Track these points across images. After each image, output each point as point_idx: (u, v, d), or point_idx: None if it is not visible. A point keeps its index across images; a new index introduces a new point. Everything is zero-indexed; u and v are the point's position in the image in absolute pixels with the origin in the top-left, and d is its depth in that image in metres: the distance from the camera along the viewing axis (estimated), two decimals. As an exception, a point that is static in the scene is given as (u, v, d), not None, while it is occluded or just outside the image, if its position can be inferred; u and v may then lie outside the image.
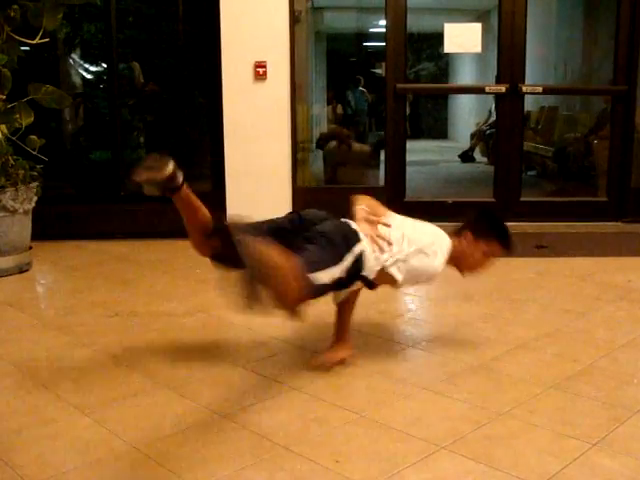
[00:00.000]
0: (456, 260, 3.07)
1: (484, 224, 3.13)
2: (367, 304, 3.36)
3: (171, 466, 2.19)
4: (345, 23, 14.16)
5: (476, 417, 2.52)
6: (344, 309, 3.14)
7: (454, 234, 3.10)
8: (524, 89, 6.09)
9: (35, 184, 4.85)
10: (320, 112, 11.25)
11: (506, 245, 3.10)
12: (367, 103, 12.78)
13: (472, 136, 12.31)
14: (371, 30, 14.86)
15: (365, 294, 3.16)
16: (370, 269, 2.89)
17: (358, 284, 2.95)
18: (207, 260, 3.17)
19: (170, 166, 2.85)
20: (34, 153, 4.87)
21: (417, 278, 3.02)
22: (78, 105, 7.76)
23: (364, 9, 12.67)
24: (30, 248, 4.92)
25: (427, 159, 12.26)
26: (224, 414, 2.56)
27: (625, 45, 6.01)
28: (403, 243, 2.94)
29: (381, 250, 2.90)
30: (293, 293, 2.44)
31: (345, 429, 2.45)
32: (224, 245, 2.71)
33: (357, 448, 2.32)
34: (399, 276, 2.92)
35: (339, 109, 12.01)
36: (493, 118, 9.18)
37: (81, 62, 8.01)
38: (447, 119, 17.64)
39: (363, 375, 2.96)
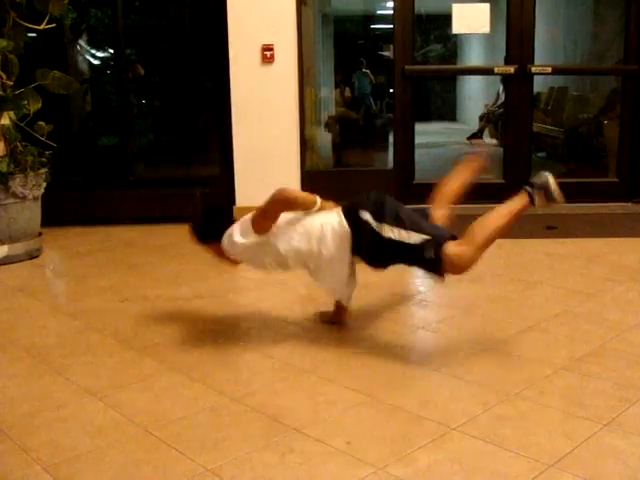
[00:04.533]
0: None
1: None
2: (378, 286, 3.36)
3: (183, 449, 2.20)
4: (352, 5, 14.06)
5: (487, 398, 2.52)
6: None
7: None
8: (533, 70, 6.05)
9: (44, 170, 4.86)
10: (328, 95, 11.20)
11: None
12: (371, 85, 12.71)
13: (481, 118, 12.23)
14: (379, 12, 14.78)
15: (376, 277, 3.18)
16: None
17: None
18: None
19: None
20: (42, 139, 4.87)
21: None
22: (85, 91, 7.76)
23: (371, -10, 12.61)
24: (40, 234, 4.94)
25: (436, 141, 12.21)
26: (235, 397, 2.57)
27: (636, 24, 5.96)
28: None
29: None
30: None
31: (356, 411, 2.46)
32: None
33: (368, 430, 2.33)
34: None
35: (347, 92, 11.96)
36: (502, 99, 9.12)
37: (88, 48, 8.01)
38: (456, 101, 17.55)
39: (374, 357, 2.96)
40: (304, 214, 3.05)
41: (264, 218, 3.00)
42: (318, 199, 3.06)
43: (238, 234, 3.02)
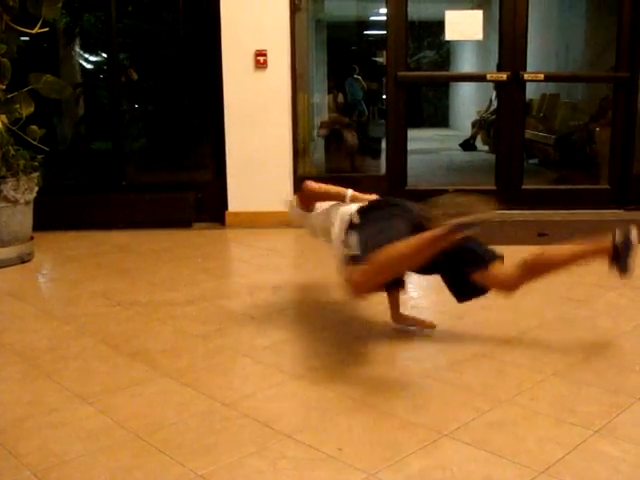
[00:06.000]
0: None
1: None
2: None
3: (174, 454, 2.19)
4: (346, 11, 14.09)
5: (478, 404, 2.52)
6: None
7: None
8: (525, 77, 6.06)
9: (36, 174, 4.85)
10: (321, 101, 11.23)
11: None
12: (362, 92, 12.73)
13: (473, 124, 12.28)
14: (372, 18, 14.81)
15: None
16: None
17: None
18: (208, 250, 3.23)
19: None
20: (35, 143, 4.86)
21: None
22: (78, 95, 7.75)
23: (365, -3, 12.64)
24: (32, 238, 4.92)
25: (428, 147, 12.24)
26: (226, 402, 2.57)
27: (627, 31, 5.98)
28: None
29: None
30: None
31: (347, 417, 2.45)
32: None
33: (360, 436, 2.33)
34: None
35: (340, 98, 11.98)
36: (494, 106, 9.15)
37: (81, 52, 8.00)
38: (448, 107, 17.60)
39: (365, 363, 2.96)
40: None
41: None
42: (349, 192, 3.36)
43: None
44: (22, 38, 4.98)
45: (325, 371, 2.87)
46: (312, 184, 3.48)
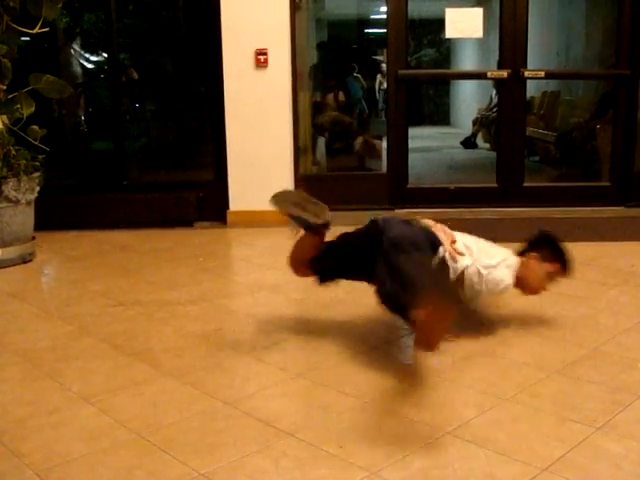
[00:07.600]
0: (521, 280, 3.20)
1: (549, 247, 3.31)
2: (369, 292, 3.35)
3: (176, 453, 2.20)
4: (346, 10, 14.08)
5: (480, 402, 2.52)
6: None
7: (518, 254, 3.28)
8: (526, 74, 6.06)
9: (37, 174, 4.85)
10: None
11: (568, 269, 3.30)
12: (362, 90, 12.72)
13: (474, 122, 12.25)
14: (372, 17, 14.80)
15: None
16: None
17: None
18: (210, 249, 3.22)
19: (328, 215, 3.10)
20: (35, 143, 4.87)
21: (490, 290, 3.13)
22: (79, 95, 7.75)
23: (365, -5, 12.62)
24: (33, 238, 4.92)
25: (429, 145, 12.22)
26: (228, 401, 2.57)
27: (628, 29, 5.97)
28: (479, 255, 3.10)
29: (454, 259, 3.04)
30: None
31: (349, 415, 2.45)
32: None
33: (361, 434, 2.32)
34: (477, 284, 3.07)
35: (341, 96, 11.95)
36: (495, 104, 9.13)
37: (81, 52, 8.00)
38: (449, 105, 17.58)
39: (366, 362, 2.96)
40: None
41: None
42: None
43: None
44: (22, 38, 4.98)
45: (326, 369, 2.87)
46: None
